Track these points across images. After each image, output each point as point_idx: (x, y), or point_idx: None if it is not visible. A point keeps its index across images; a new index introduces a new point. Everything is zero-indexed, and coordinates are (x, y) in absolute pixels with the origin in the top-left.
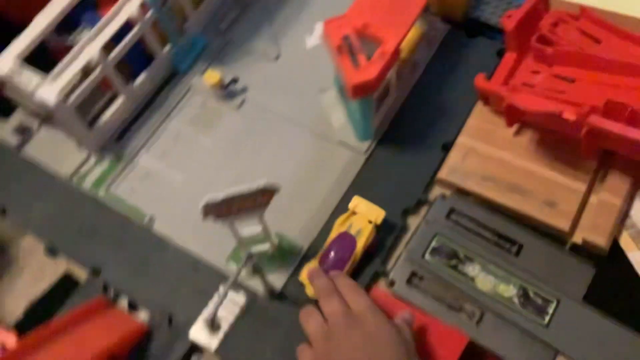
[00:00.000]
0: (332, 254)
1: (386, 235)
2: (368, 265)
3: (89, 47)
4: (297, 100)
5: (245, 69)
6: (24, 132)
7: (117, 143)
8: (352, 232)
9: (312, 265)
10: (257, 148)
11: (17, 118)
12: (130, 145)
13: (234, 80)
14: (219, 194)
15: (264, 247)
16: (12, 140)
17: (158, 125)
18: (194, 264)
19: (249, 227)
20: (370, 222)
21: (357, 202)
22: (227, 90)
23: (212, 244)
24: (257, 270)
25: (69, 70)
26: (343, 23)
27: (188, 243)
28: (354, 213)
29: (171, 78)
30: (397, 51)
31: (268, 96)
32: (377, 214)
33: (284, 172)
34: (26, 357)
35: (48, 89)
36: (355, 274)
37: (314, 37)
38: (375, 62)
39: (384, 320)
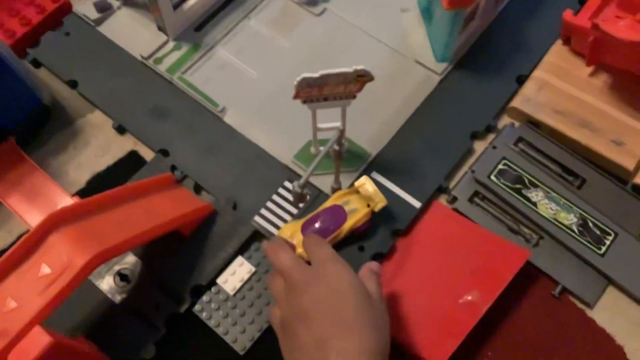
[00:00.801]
0: (318, 222)
1: (450, 157)
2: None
3: None
4: (378, 16)
5: None
6: (105, 9)
7: (196, 33)
8: (347, 208)
9: (290, 225)
10: (333, 56)
11: None
12: (208, 37)
13: None
14: (314, 74)
15: (336, 146)
16: (92, 14)
17: (237, 21)
18: (261, 157)
19: (326, 123)
20: (368, 205)
21: (364, 182)
22: None
23: (281, 140)
24: (338, 157)
25: None
26: None
27: (257, 138)
28: (356, 192)
29: None
30: None
31: (349, 8)
32: (379, 200)
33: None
34: (91, 214)
35: None
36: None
37: None
38: None
39: (344, 270)
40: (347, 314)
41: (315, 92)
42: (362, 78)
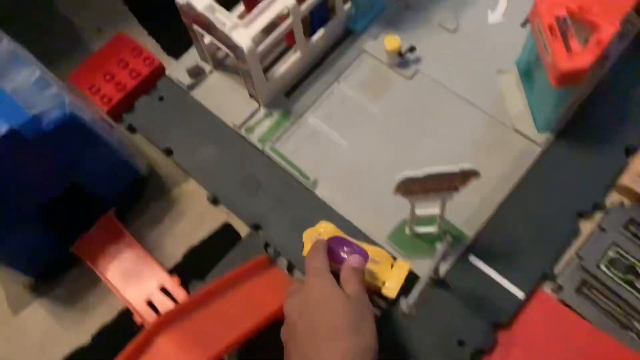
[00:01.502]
0: (343, 249)
1: (555, 239)
2: None
3: None
4: (473, 77)
5: (420, 38)
6: (197, 74)
7: (286, 99)
8: (370, 266)
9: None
10: (425, 122)
11: (191, 59)
12: (298, 103)
13: (412, 49)
14: (419, 171)
15: (430, 229)
16: (185, 80)
17: (327, 86)
18: (355, 234)
19: (425, 208)
20: (383, 283)
21: (402, 267)
22: (402, 59)
23: (374, 217)
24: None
25: (264, 16)
26: (557, 2)
27: (349, 212)
28: (390, 265)
29: (343, 39)
30: (612, 40)
31: (442, 70)
32: (393, 288)
33: (452, 152)
34: (195, 312)
35: (243, 33)
36: None
37: (497, 13)
38: (590, 50)
39: (320, 280)
40: (322, 325)
41: (417, 187)
42: (467, 174)
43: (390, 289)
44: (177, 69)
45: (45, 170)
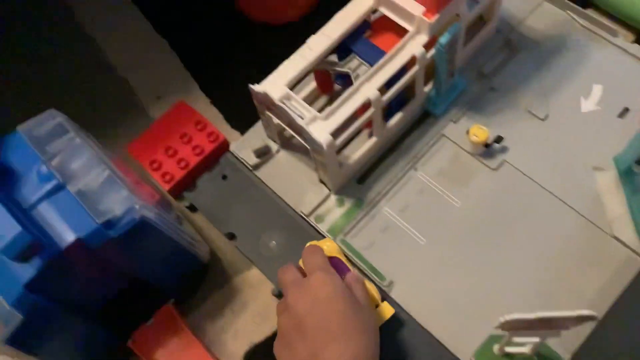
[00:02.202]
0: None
1: None
2: None
3: (366, 86)
4: (565, 173)
5: (506, 124)
6: (264, 154)
7: (359, 186)
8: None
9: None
10: (513, 220)
11: (257, 136)
12: (372, 191)
13: (499, 139)
14: (530, 314)
15: (523, 349)
16: (251, 160)
17: (403, 173)
18: (433, 347)
19: (522, 337)
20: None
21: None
22: (488, 149)
23: (456, 329)
24: None
25: (343, 109)
26: None
27: (428, 322)
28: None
29: (421, 121)
30: None
31: (531, 162)
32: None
33: (542, 255)
34: None
35: (321, 128)
36: None
37: (591, 101)
38: None
39: (328, 278)
40: (334, 323)
41: (524, 325)
42: (584, 319)
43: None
44: (242, 147)
45: (109, 273)
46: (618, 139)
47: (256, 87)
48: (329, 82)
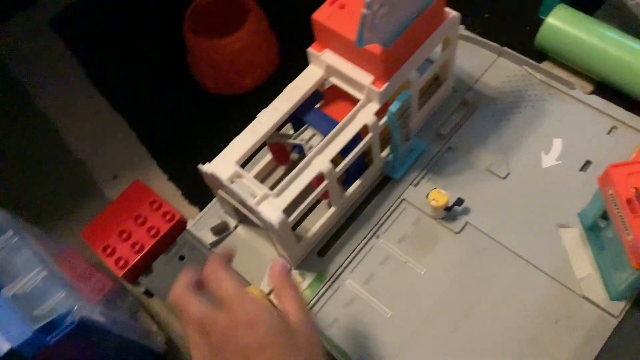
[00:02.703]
0: None
1: None
2: None
3: (318, 158)
4: (530, 232)
5: (467, 185)
6: (222, 231)
7: (320, 258)
8: None
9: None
10: (480, 285)
11: (213, 213)
12: (333, 262)
13: (459, 201)
14: None
15: None
16: (208, 238)
17: (365, 242)
18: None
19: None
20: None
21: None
22: (449, 212)
23: None
24: None
25: (295, 185)
26: (634, 170)
27: None
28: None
29: (381, 187)
30: None
31: (495, 222)
32: None
33: (511, 320)
34: None
35: (271, 207)
36: None
37: (552, 156)
38: None
39: (255, 310)
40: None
41: None
42: None
43: None
44: (199, 225)
45: None
46: (581, 193)
47: (204, 168)
48: (284, 153)
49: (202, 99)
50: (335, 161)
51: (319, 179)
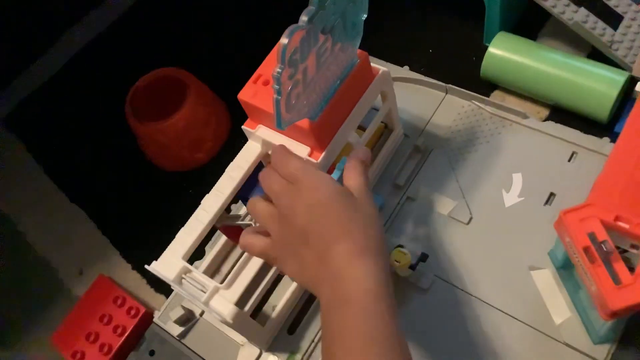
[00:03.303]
0: None
1: None
2: None
3: None
4: (501, 279)
5: (430, 235)
6: (187, 321)
7: (290, 336)
8: None
9: None
10: (455, 341)
11: (177, 303)
12: (304, 339)
13: (423, 258)
14: None
15: None
16: (175, 331)
17: None
18: None
19: None
20: None
21: None
22: (415, 270)
23: None
24: None
25: (246, 272)
26: (588, 214)
27: None
28: None
29: None
30: None
31: (463, 273)
32: None
33: None
34: None
35: (223, 300)
36: None
37: (513, 193)
38: None
39: (319, 179)
40: (334, 225)
41: None
42: None
43: None
44: (165, 316)
45: None
46: (549, 230)
47: (151, 268)
48: (239, 233)
49: (159, 179)
50: None
51: None
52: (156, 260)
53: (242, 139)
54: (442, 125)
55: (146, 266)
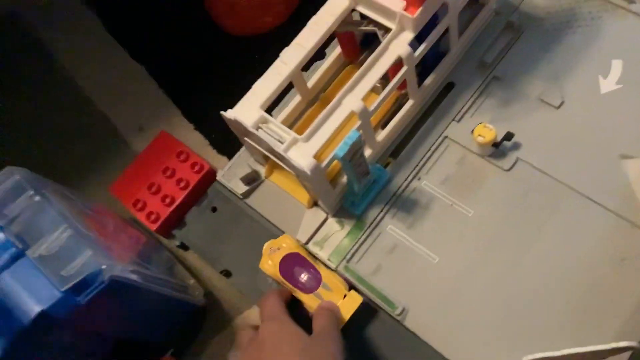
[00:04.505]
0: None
1: None
2: None
3: (348, 97)
4: (590, 165)
5: (517, 117)
6: (253, 180)
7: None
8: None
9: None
10: (533, 224)
11: (243, 162)
12: (372, 208)
13: (508, 136)
14: (557, 353)
15: None
16: (240, 189)
17: (406, 185)
18: None
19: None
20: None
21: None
22: (497, 148)
23: (480, 354)
24: None
25: (326, 127)
26: None
27: (450, 351)
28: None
29: (420, 122)
30: None
31: (549, 157)
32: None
33: (570, 262)
34: None
35: (302, 152)
36: None
37: (611, 79)
38: None
39: (283, 328)
40: None
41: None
42: (622, 350)
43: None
44: (229, 175)
45: (90, 338)
46: None
47: (227, 114)
48: (353, 47)
49: (222, 42)
50: (368, 99)
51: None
52: (220, 120)
53: (314, 7)
54: (537, 4)
55: (222, 112)
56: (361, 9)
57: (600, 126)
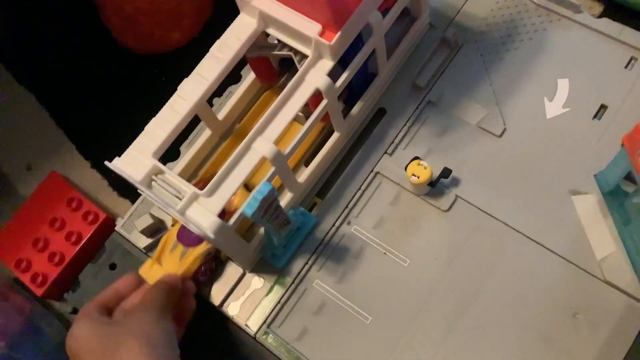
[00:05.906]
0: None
1: None
2: None
3: (258, 140)
4: (535, 203)
5: (453, 149)
6: (157, 231)
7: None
8: None
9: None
10: (476, 273)
11: (145, 210)
12: (296, 259)
13: (445, 174)
14: None
15: None
16: (142, 243)
17: (333, 231)
18: None
19: None
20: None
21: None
22: (434, 187)
23: None
24: None
25: (231, 179)
26: None
27: None
28: None
29: (350, 155)
30: None
31: (491, 195)
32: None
33: (519, 315)
34: None
35: (204, 210)
36: None
37: (557, 102)
38: None
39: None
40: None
41: None
42: None
43: None
44: (130, 225)
45: None
46: (597, 149)
47: (113, 165)
48: (269, 70)
49: (125, 62)
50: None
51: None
52: (119, 156)
53: (228, 18)
54: (476, 16)
55: (107, 163)
56: (272, 31)
57: (546, 157)
